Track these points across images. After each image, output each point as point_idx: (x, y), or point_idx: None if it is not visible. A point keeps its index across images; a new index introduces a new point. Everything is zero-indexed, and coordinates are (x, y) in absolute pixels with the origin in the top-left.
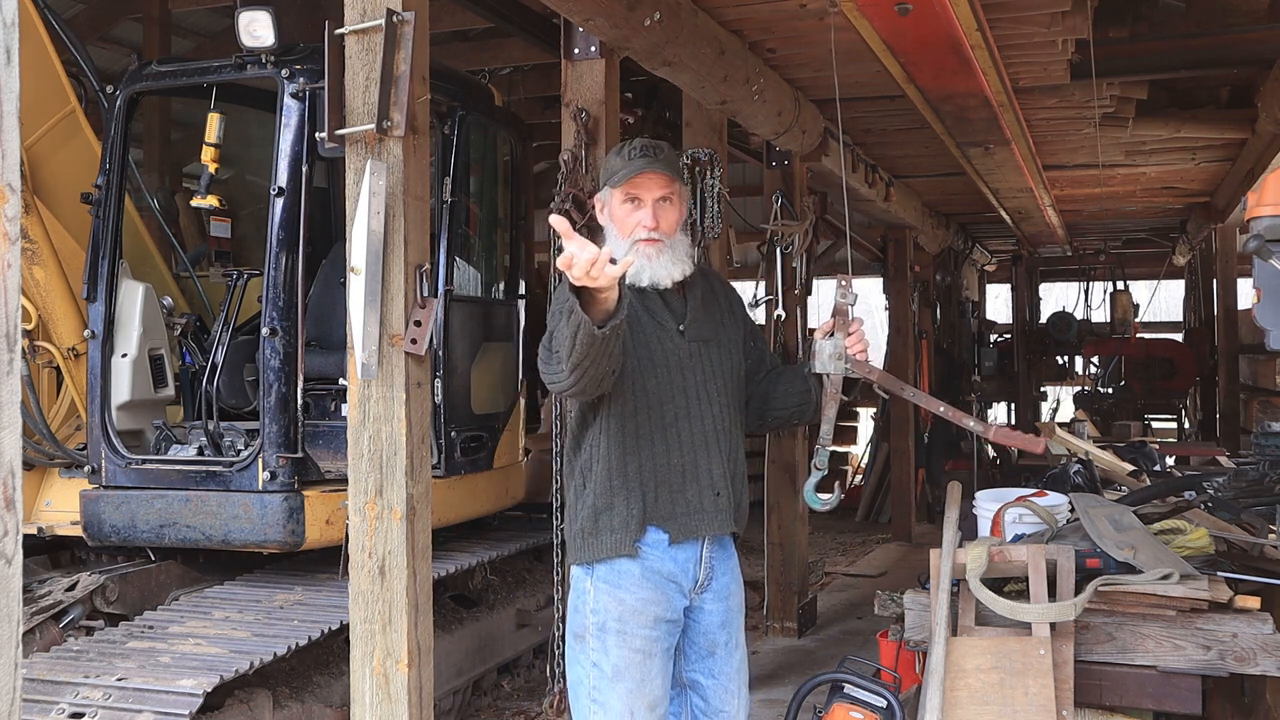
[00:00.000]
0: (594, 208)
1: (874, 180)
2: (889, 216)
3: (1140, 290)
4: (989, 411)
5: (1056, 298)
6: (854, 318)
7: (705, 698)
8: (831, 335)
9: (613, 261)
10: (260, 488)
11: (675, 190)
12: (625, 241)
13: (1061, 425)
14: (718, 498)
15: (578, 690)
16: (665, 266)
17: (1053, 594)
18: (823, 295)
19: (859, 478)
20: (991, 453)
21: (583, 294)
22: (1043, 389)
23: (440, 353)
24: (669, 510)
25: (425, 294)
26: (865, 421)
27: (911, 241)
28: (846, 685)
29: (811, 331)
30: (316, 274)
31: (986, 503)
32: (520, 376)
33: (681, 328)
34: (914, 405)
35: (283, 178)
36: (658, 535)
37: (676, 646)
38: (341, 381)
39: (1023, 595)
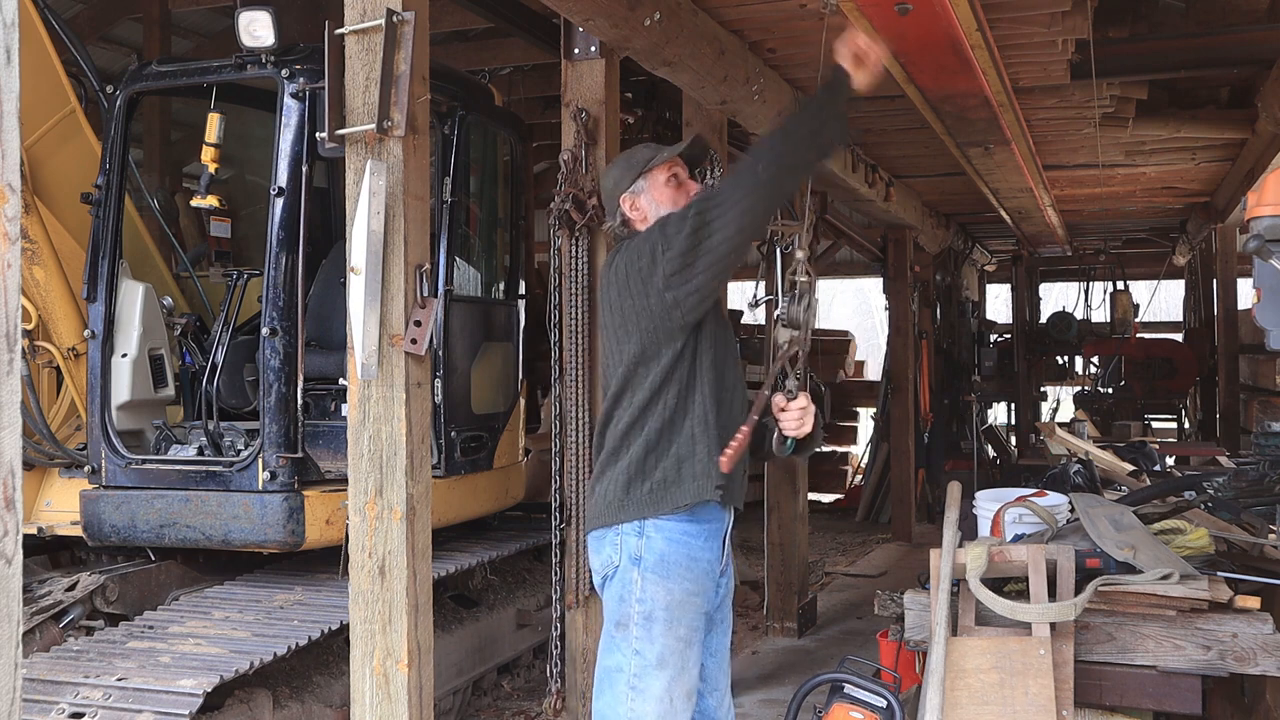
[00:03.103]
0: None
1: (874, 180)
2: (889, 216)
3: (1140, 290)
4: (989, 412)
5: (1056, 298)
6: (794, 394)
7: (704, 677)
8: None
9: None
10: (260, 488)
11: None
12: None
13: (1061, 425)
14: (745, 472)
15: (614, 678)
16: None
17: (1053, 594)
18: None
19: (859, 478)
20: (991, 452)
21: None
22: (1043, 389)
23: (440, 353)
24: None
25: (425, 294)
26: (865, 421)
27: (911, 241)
28: (846, 685)
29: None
30: (316, 274)
31: (986, 503)
32: (520, 376)
33: None
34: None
35: (283, 178)
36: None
37: None
38: (341, 381)
39: (1023, 595)
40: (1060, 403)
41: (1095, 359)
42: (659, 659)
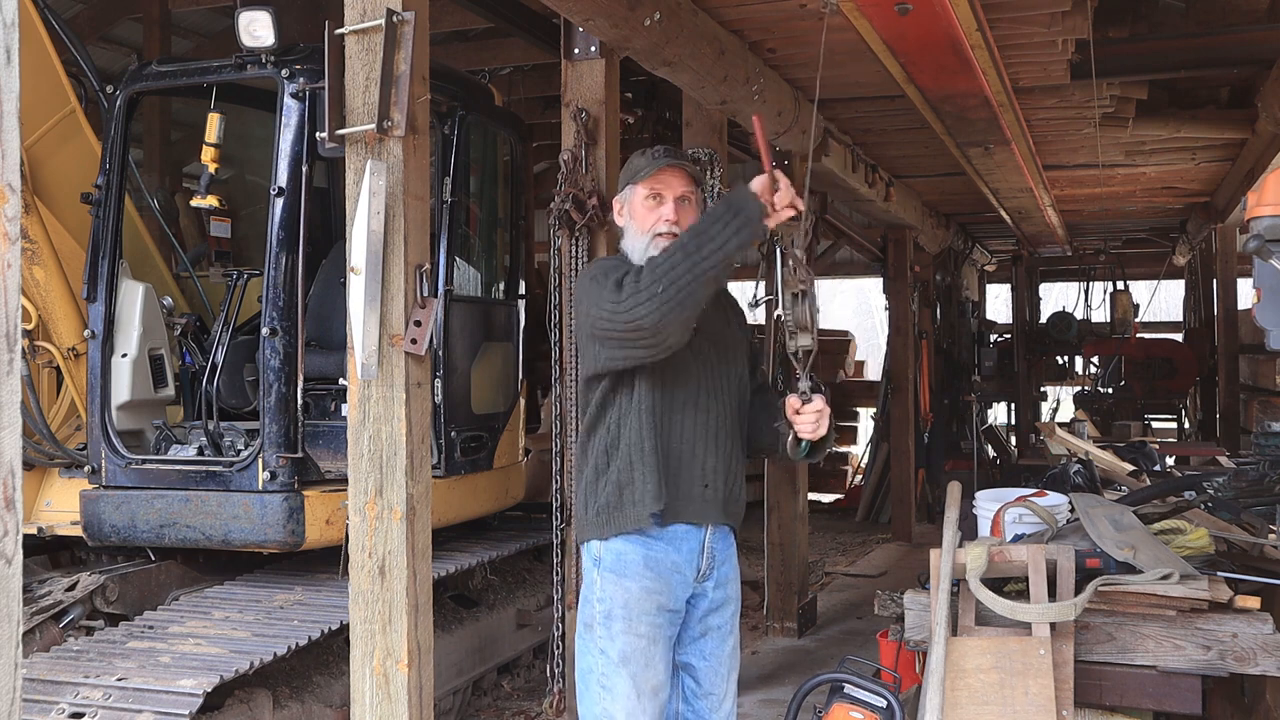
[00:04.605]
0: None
1: (874, 180)
2: (889, 216)
3: (1140, 290)
4: (989, 412)
5: (1056, 298)
6: (809, 397)
7: (697, 680)
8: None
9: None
10: (260, 488)
11: (694, 194)
12: (645, 236)
13: (1061, 425)
14: (705, 490)
15: (588, 679)
16: None
17: (1053, 594)
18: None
19: (859, 478)
20: (991, 452)
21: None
22: (1043, 389)
23: (440, 353)
24: (664, 491)
25: (425, 294)
26: (865, 421)
27: (911, 241)
28: (846, 685)
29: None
30: (316, 274)
31: (986, 503)
32: (520, 376)
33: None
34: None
35: (283, 178)
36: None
37: None
38: (341, 381)
39: (1023, 595)
40: (1060, 403)
41: (1095, 359)
42: (621, 656)
